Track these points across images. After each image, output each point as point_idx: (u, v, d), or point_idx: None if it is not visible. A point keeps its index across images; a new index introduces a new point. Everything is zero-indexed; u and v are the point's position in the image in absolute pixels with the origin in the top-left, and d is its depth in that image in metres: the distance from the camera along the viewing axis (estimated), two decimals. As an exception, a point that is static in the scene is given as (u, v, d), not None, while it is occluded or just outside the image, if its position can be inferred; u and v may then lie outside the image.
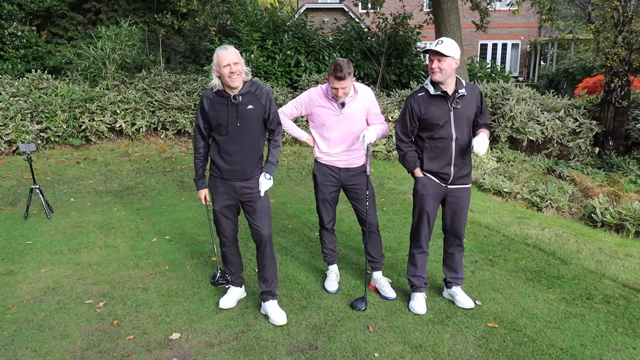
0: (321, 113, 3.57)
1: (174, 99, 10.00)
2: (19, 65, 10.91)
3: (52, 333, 3.22)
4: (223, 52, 3.04)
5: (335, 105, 3.52)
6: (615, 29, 9.39)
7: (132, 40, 10.59)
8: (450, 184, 3.40)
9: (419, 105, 3.30)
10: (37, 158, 8.14)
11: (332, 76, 3.35)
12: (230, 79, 3.05)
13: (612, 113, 9.65)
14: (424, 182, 3.43)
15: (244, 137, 3.21)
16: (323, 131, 3.62)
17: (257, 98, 3.21)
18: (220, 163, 3.26)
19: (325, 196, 3.73)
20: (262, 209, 3.34)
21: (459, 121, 3.28)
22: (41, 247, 4.68)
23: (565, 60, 19.08)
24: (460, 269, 3.65)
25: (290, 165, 8.27)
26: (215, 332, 3.25)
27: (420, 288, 3.61)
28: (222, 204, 3.35)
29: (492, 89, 10.78)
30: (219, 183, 3.32)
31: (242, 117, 3.17)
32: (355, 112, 3.55)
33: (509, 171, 7.99)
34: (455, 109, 3.26)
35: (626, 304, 3.62)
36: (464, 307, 3.56)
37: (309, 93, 3.65)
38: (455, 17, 10.22)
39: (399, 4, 14.84)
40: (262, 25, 12.47)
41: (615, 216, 5.62)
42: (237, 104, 3.15)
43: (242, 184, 3.28)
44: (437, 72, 3.17)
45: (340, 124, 3.56)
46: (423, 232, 3.52)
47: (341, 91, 3.40)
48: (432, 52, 3.17)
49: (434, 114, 3.26)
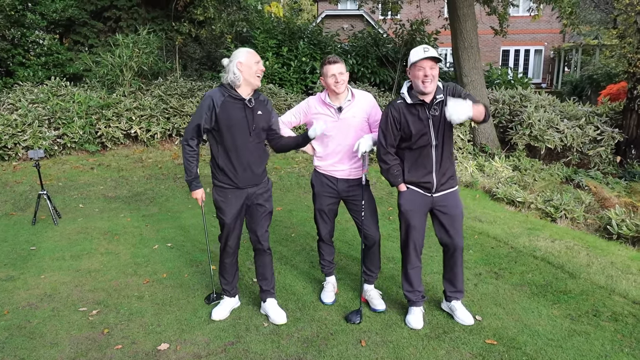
0: (319, 119, 3.47)
1: (189, 106, 10.08)
2: (39, 73, 11.15)
3: (42, 341, 3.21)
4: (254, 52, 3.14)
5: (332, 110, 3.45)
6: (639, 34, 9.09)
7: (149, 47, 10.74)
8: (435, 192, 3.28)
9: (398, 113, 3.18)
10: (53, 164, 8.28)
11: (326, 64, 3.31)
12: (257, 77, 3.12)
13: (634, 121, 9.32)
14: (408, 197, 3.33)
15: (257, 142, 3.25)
16: (321, 138, 3.54)
17: (263, 105, 3.28)
18: (233, 171, 3.19)
19: (323, 207, 3.65)
20: (268, 213, 3.40)
21: (440, 127, 3.16)
22: (44, 253, 4.72)
23: (589, 67, 18.62)
24: (460, 283, 3.50)
25: (301, 173, 8.22)
26: (205, 344, 3.20)
27: (417, 302, 3.49)
28: (235, 214, 3.29)
29: (510, 96, 10.58)
30: (230, 194, 3.25)
31: (255, 122, 3.20)
32: (354, 117, 3.46)
33: (524, 180, 7.78)
34: (433, 116, 3.14)
35: (635, 322, 3.44)
36: (463, 324, 3.42)
37: (307, 101, 3.60)
38: (471, 23, 10.04)
39: (417, 11, 14.74)
40: (278, 32, 12.51)
41: (632, 228, 5.39)
42: (252, 107, 3.18)
43: (254, 190, 3.30)
44: (432, 81, 3.03)
45: (339, 130, 3.46)
46: (412, 247, 3.39)
47: (339, 77, 3.30)
48: (430, 59, 3.00)
49: (412, 124, 3.15)
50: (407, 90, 3.18)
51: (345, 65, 3.42)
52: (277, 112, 10.09)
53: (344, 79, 3.34)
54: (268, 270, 3.52)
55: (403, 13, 13.88)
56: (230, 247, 3.42)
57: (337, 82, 3.32)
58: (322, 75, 3.39)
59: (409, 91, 3.17)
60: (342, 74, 3.32)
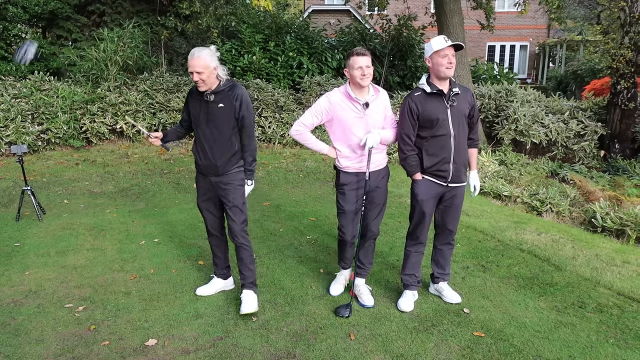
0: (344, 116, 3.34)
1: (175, 101, 10.00)
2: (22, 67, 10.95)
3: (27, 338, 3.17)
4: (190, 58, 3.21)
5: (359, 106, 3.33)
6: (622, 30, 9.20)
7: (134, 42, 10.61)
8: (451, 182, 3.39)
9: (416, 104, 3.30)
10: (37, 159, 8.15)
11: (354, 55, 3.22)
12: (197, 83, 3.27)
13: (618, 115, 9.45)
14: (424, 186, 3.41)
15: (215, 134, 3.36)
16: (345, 135, 3.39)
17: (228, 97, 3.31)
18: (196, 158, 3.48)
19: (353, 207, 3.49)
20: (233, 207, 3.46)
21: (456, 118, 3.30)
22: (29, 250, 4.64)
23: (574, 62, 18.83)
24: (448, 266, 3.72)
25: (289, 168, 8.19)
26: (193, 339, 3.18)
27: (412, 286, 3.63)
28: (202, 197, 3.57)
29: (496, 91, 10.65)
30: (200, 178, 3.55)
31: (212, 114, 3.32)
32: (377, 113, 3.41)
33: (510, 174, 7.85)
34: (452, 106, 3.29)
35: (620, 313, 3.50)
36: (451, 302, 3.62)
37: (328, 98, 3.39)
38: (458, 18, 10.08)
39: (404, 6, 14.75)
40: (265, 26, 12.43)
41: (615, 221, 5.47)
42: (209, 102, 3.32)
43: (216, 179, 3.44)
44: (453, 67, 3.22)
45: (364, 126, 3.37)
46: (423, 232, 3.53)
47: (366, 70, 3.22)
48: (454, 47, 3.23)
49: (433, 111, 3.28)
50: (426, 80, 3.33)
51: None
52: (265, 107, 10.07)
53: (370, 72, 3.25)
54: (243, 263, 3.57)
55: (390, 8, 13.86)
56: (208, 228, 3.68)
57: (363, 75, 3.23)
58: (348, 67, 3.28)
59: (428, 81, 3.32)
60: (369, 67, 3.24)
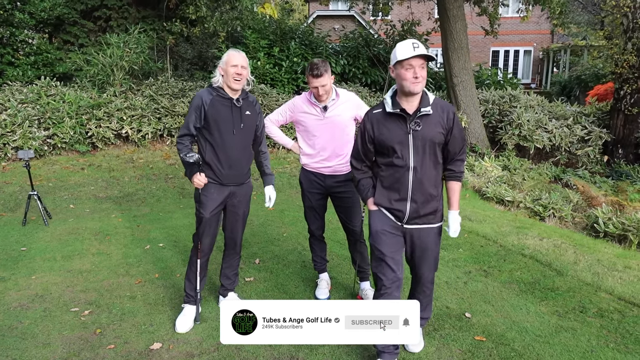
0: (305, 119, 3.60)
1: (180, 106, 10.06)
2: (29, 72, 11.06)
3: (34, 341, 3.22)
4: (235, 53, 3.20)
5: (318, 109, 3.54)
6: (625, 35, 9.23)
7: (140, 47, 10.70)
8: (407, 224, 2.77)
9: (372, 125, 2.72)
10: (43, 164, 8.23)
11: (309, 75, 3.40)
12: (234, 80, 3.15)
13: (621, 121, 9.47)
14: (377, 218, 2.81)
15: (243, 142, 3.32)
16: (308, 137, 3.65)
17: (252, 105, 3.35)
18: (216, 168, 3.24)
19: (312, 203, 3.76)
20: (244, 216, 3.47)
21: (420, 146, 2.63)
22: (35, 254, 4.70)
23: (577, 67, 18.82)
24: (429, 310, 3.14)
25: (293, 173, 8.24)
26: (197, 342, 3.22)
27: None
28: (214, 210, 3.31)
29: (500, 96, 10.69)
30: (213, 189, 3.28)
31: (243, 121, 3.27)
32: (339, 115, 3.56)
33: (513, 179, 7.87)
34: (414, 130, 2.62)
35: (620, 318, 3.51)
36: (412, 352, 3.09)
37: (293, 100, 3.72)
38: (461, 24, 10.12)
39: (408, 12, 14.81)
40: (270, 32, 12.52)
41: (618, 226, 5.49)
42: (240, 107, 3.26)
43: (236, 189, 3.35)
44: (421, 81, 2.56)
45: (325, 129, 3.57)
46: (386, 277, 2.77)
47: (321, 89, 3.41)
48: (421, 57, 2.53)
49: (388, 136, 2.65)
50: (392, 95, 2.69)
51: (330, 68, 3.50)
52: (270, 112, 10.12)
53: (326, 89, 3.44)
54: (233, 270, 3.64)
55: (394, 13, 13.95)
56: (205, 245, 3.38)
57: (319, 95, 3.46)
58: (308, 82, 3.49)
59: (394, 97, 2.68)
60: (325, 85, 3.41)
